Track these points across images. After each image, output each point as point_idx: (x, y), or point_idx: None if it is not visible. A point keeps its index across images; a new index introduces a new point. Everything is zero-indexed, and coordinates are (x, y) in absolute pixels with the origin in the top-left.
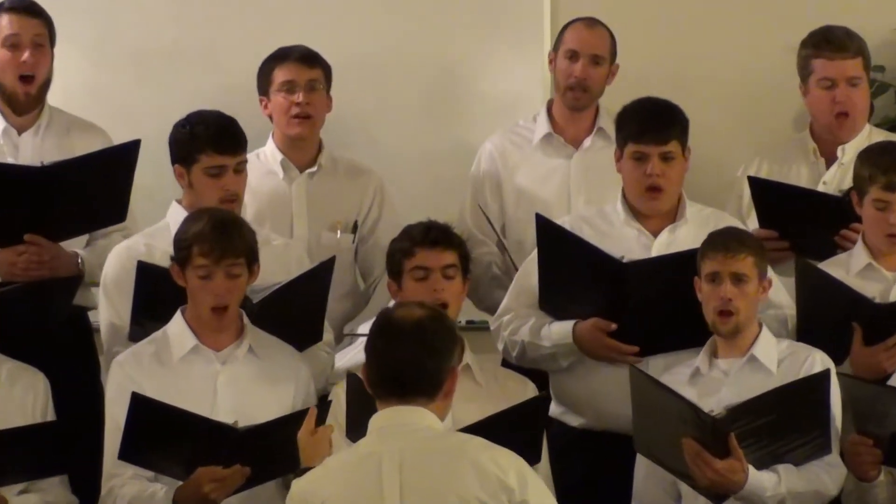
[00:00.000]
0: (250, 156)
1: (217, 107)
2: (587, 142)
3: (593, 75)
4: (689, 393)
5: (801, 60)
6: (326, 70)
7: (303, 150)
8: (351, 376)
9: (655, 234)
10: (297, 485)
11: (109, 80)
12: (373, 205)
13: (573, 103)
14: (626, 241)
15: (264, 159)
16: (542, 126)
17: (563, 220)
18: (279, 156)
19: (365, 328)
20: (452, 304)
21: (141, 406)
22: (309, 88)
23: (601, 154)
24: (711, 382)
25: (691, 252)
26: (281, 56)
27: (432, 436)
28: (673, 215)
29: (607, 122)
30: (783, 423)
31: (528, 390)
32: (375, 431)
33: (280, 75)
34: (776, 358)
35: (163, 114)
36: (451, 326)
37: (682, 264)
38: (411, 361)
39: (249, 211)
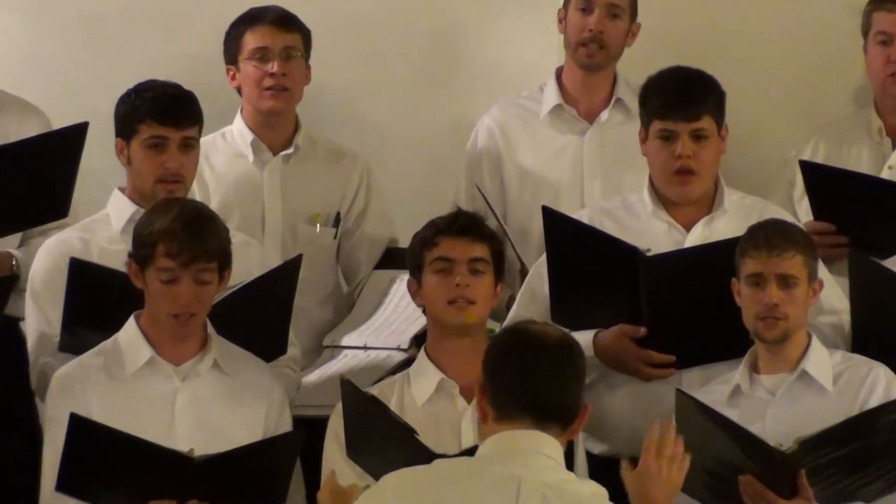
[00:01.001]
0: (215, 136)
1: (178, 78)
2: (603, 115)
3: (611, 29)
4: (730, 415)
5: (864, 17)
6: (305, 35)
7: (277, 129)
8: (346, 385)
9: (688, 227)
10: (391, 480)
11: (52, 50)
12: (358, 193)
13: (586, 61)
14: (654, 235)
15: (231, 140)
16: (551, 97)
17: (581, 214)
18: (249, 135)
19: (349, 339)
20: (479, 304)
21: (80, 429)
22: (285, 56)
23: (620, 130)
24: (755, 403)
25: (731, 242)
26: (252, 19)
27: (567, 478)
28: (709, 205)
29: (627, 93)
30: (861, 455)
31: None
32: (500, 451)
33: (251, 41)
34: (831, 373)
35: (114, 88)
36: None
37: (720, 257)
38: (561, 381)
39: (214, 200)
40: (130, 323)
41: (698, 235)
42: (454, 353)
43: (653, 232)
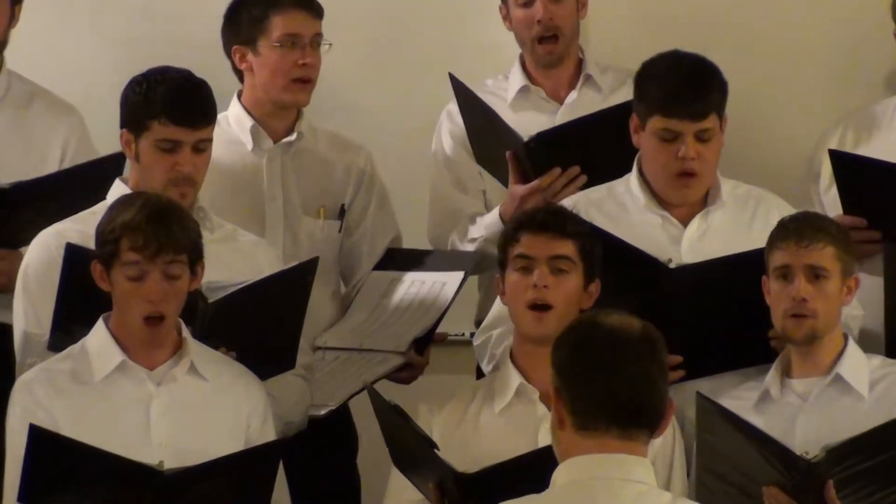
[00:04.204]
0: None
1: (154, 61)
2: (573, 94)
3: (559, 12)
4: (757, 422)
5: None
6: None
7: (283, 117)
8: (371, 392)
9: (684, 221)
10: None
11: (20, 28)
12: (361, 187)
13: (548, 59)
14: (647, 229)
15: (226, 126)
16: (517, 79)
17: (565, 204)
18: (248, 121)
19: (342, 341)
20: (558, 308)
21: (41, 441)
22: (314, 44)
23: (593, 109)
24: (785, 409)
25: (759, 252)
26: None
27: (664, 502)
28: (703, 197)
29: (595, 70)
30: (894, 467)
31: None
32: (579, 482)
33: (280, 25)
34: (867, 378)
35: (86, 72)
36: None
37: (746, 266)
38: (648, 379)
39: (210, 189)
40: (99, 325)
41: (695, 230)
42: (536, 357)
43: (646, 226)
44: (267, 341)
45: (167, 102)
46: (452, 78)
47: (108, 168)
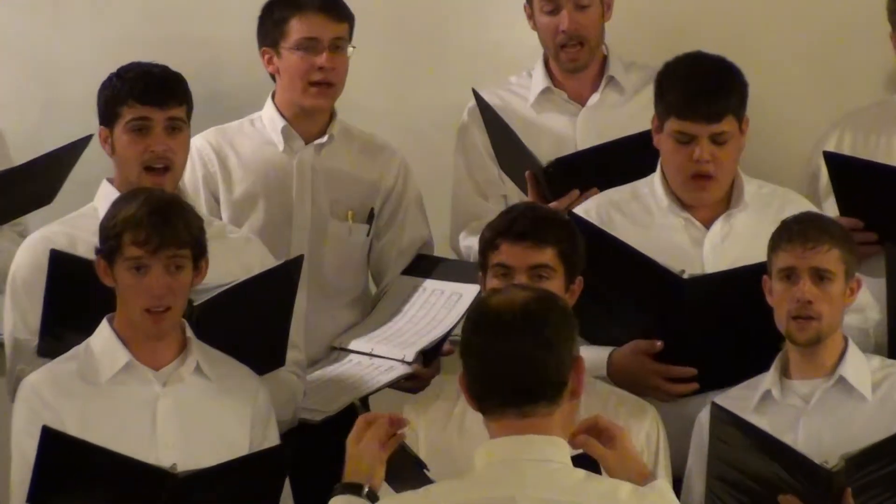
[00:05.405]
0: (242, 121)
1: (165, 63)
2: (595, 97)
3: (584, 21)
4: (759, 423)
5: (891, 2)
6: (352, 23)
7: (313, 119)
8: (360, 409)
9: (707, 223)
10: None
11: (17, 27)
12: (393, 190)
13: (571, 65)
14: (670, 232)
15: (260, 126)
16: (540, 80)
17: (588, 206)
18: (280, 122)
19: (358, 344)
20: None
21: (52, 442)
22: (334, 48)
23: (615, 112)
24: (787, 411)
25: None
26: (299, 2)
27: (575, 482)
28: (727, 199)
29: (619, 70)
30: None
31: (647, 418)
32: (498, 465)
33: (299, 28)
34: (870, 380)
35: (84, 72)
36: (565, 308)
37: (761, 277)
38: (525, 357)
39: (239, 190)
40: (104, 326)
41: (718, 233)
42: None
43: (668, 227)
44: (254, 340)
45: (134, 87)
46: (476, 94)
47: (72, 154)
